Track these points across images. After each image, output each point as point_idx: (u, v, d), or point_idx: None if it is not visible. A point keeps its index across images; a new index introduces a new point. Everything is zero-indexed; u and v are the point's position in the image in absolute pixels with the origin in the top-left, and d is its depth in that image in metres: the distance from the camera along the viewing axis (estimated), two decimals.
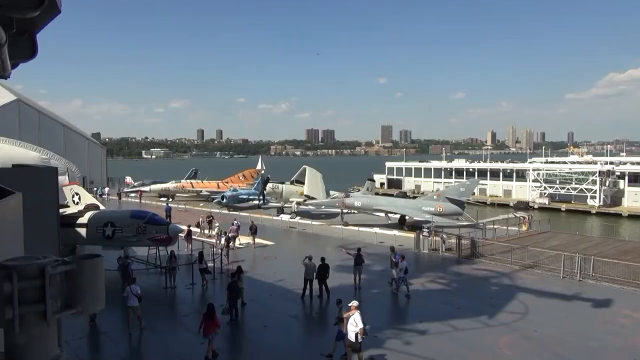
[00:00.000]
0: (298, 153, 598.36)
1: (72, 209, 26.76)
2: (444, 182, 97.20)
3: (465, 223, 40.75)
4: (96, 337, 17.04)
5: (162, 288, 22.45)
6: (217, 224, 34.59)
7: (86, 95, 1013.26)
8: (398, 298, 21.52)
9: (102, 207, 28.86)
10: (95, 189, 61.69)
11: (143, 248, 25.57)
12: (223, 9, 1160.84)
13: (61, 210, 24.32)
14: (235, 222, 34.22)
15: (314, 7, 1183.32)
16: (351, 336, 13.74)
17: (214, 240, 30.80)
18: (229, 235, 31.09)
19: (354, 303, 14.24)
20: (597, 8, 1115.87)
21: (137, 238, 23.24)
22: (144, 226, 23.06)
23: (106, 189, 65.13)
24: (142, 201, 57.18)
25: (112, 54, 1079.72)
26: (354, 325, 13.66)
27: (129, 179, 76.94)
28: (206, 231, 35.59)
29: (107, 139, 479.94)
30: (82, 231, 23.70)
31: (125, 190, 65.23)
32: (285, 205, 49.16)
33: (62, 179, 35.54)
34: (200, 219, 36.84)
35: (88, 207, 26.71)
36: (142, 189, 61.79)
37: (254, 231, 33.14)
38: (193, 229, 32.18)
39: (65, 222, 22.50)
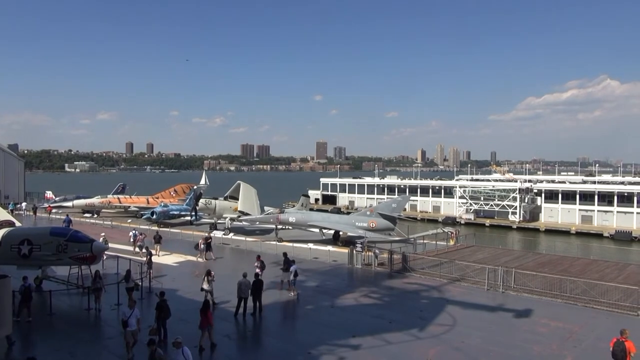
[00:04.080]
0: (232, 168, 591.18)
1: None
2: (377, 198, 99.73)
3: (397, 238, 41.89)
4: None
5: (84, 309, 21.16)
6: (102, 234, 32.64)
7: (3, 103, 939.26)
8: (320, 311, 21.70)
9: (18, 223, 26.84)
10: (8, 203, 57.36)
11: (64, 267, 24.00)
12: (153, 16, 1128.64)
13: None
14: (133, 232, 34.54)
15: (251, 21, 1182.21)
16: None
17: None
18: (138, 244, 31.76)
19: (178, 339, 13.18)
20: (515, 38, 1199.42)
21: (57, 257, 21.73)
22: (65, 244, 21.62)
23: (23, 204, 60.73)
24: (51, 216, 53.47)
25: (33, 60, 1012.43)
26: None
27: (49, 194, 72.14)
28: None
29: (25, 151, 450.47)
30: None
31: (44, 205, 61.12)
32: (219, 221, 48.20)
33: None
34: (200, 242, 33.35)
35: (1, 224, 24.76)
36: (65, 204, 58.03)
37: (157, 240, 33.07)
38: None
39: None
